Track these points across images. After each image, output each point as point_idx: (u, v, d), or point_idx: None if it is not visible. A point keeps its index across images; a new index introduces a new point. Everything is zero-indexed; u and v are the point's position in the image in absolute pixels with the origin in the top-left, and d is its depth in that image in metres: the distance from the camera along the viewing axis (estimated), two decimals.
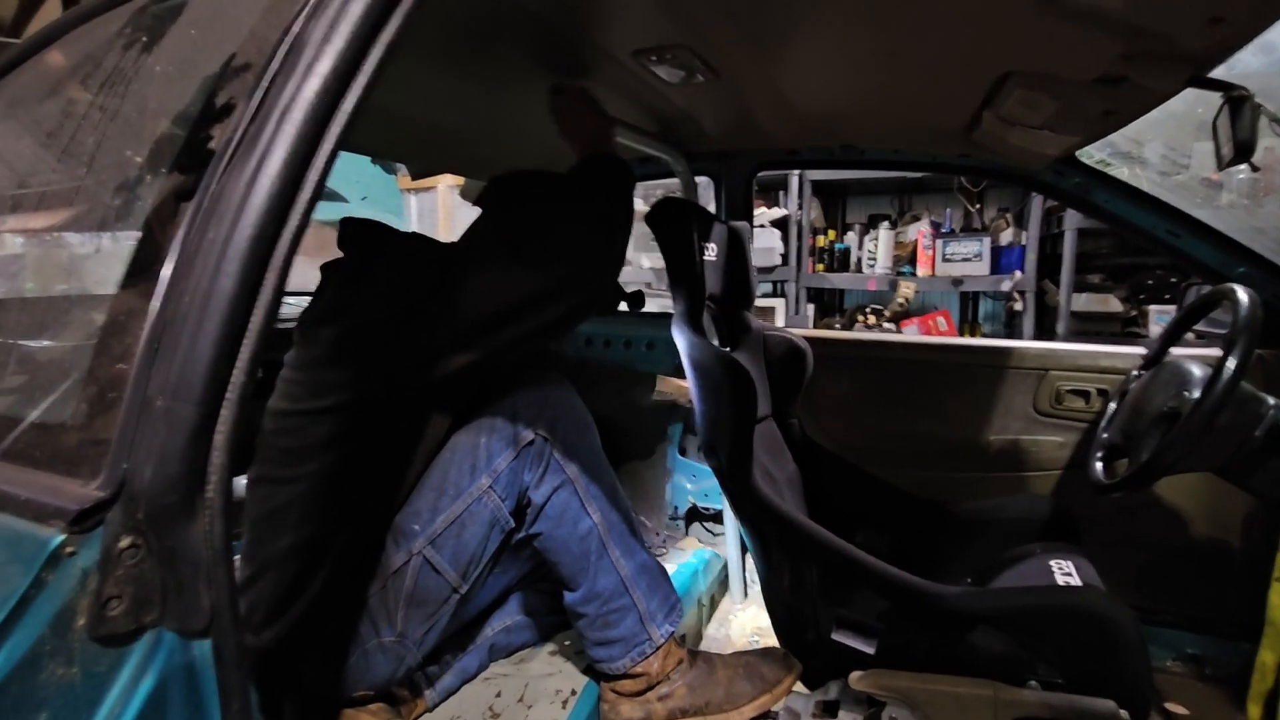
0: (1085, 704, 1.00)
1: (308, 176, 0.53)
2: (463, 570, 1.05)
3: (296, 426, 0.96)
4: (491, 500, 1.04)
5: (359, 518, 1.02)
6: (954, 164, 1.61)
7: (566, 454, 1.08)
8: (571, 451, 1.08)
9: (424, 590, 1.03)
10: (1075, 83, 1.04)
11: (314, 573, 0.97)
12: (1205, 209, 1.73)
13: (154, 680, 0.51)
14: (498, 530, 1.06)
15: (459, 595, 1.06)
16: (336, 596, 1.01)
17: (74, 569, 0.48)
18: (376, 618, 1.03)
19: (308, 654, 1.00)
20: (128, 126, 0.63)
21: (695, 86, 1.26)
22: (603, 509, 1.10)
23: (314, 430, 0.96)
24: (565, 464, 1.07)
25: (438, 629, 1.07)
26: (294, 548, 0.95)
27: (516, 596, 1.29)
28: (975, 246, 3.37)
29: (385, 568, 1.03)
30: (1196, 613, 1.47)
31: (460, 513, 1.03)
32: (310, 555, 0.97)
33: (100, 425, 0.51)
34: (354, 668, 1.03)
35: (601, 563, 1.10)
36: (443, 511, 1.03)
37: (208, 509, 0.51)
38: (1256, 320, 1.06)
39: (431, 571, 1.03)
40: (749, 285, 1.45)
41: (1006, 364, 1.59)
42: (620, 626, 1.10)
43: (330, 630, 1.02)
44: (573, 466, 1.08)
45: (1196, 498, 1.46)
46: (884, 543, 1.46)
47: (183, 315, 0.50)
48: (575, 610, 1.12)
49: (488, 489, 1.03)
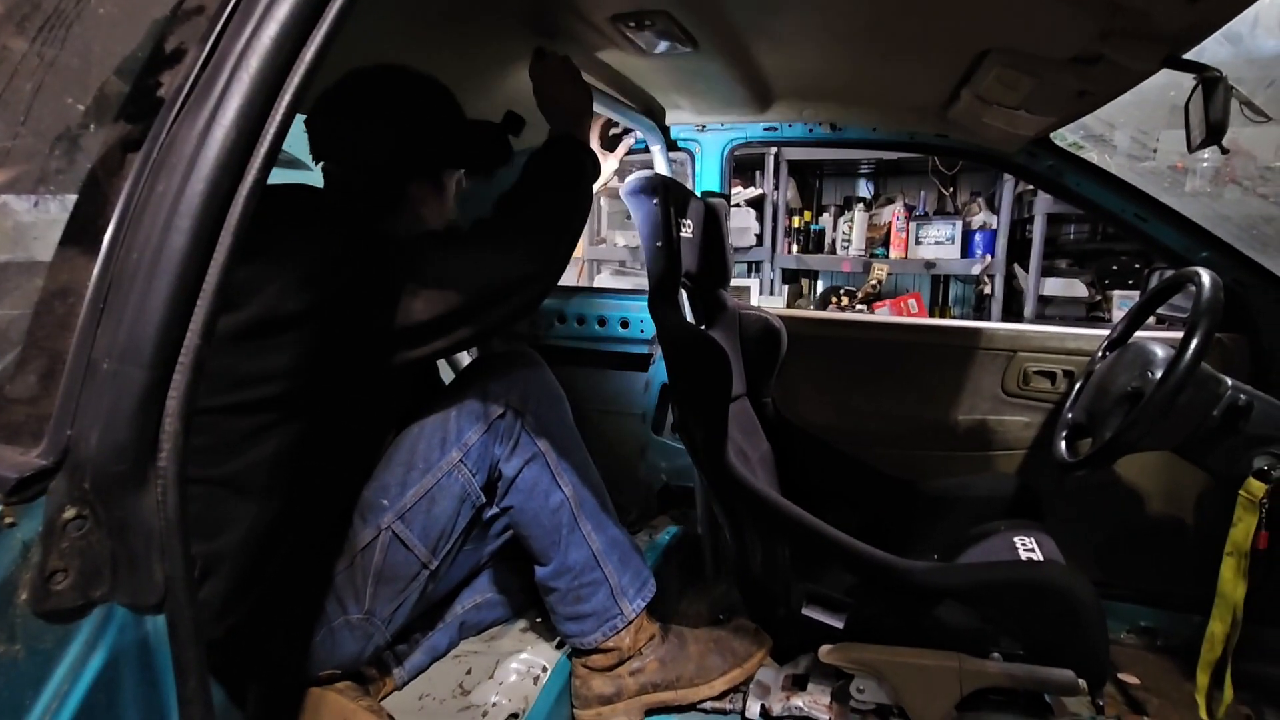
0: (1045, 674, 1.02)
1: (265, 129, 0.50)
2: (433, 546, 1.03)
3: (208, 424, 0.84)
4: (462, 474, 1.02)
5: (316, 500, 0.97)
6: (931, 144, 1.61)
7: (538, 428, 1.07)
8: (543, 425, 1.07)
9: (393, 566, 1.01)
10: (1053, 61, 1.04)
11: (270, 559, 0.92)
12: (1171, 195, 1.77)
13: (104, 657, 0.49)
14: (468, 505, 1.05)
15: (429, 571, 1.05)
16: (301, 575, 0.98)
17: (13, 541, 0.46)
18: (344, 595, 1.01)
19: (273, 633, 0.98)
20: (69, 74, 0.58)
21: (674, 58, 1.23)
22: (574, 483, 1.09)
23: (232, 425, 0.86)
24: (536, 438, 1.06)
25: (407, 606, 1.06)
26: (243, 541, 0.88)
27: (487, 573, 1.27)
28: (948, 230, 3.41)
29: (353, 544, 1.01)
30: (1150, 586, 1.52)
31: (430, 487, 1.01)
32: (263, 544, 0.90)
33: (41, 389, 0.48)
34: (320, 646, 1.00)
35: (573, 536, 1.09)
36: (412, 486, 1.01)
37: (160, 479, 0.48)
38: (1218, 302, 1.08)
39: (401, 547, 1.01)
40: (725, 263, 1.44)
41: (976, 345, 1.62)
42: (591, 601, 1.10)
43: (296, 609, 0.99)
44: (544, 440, 1.07)
45: (1154, 476, 1.51)
46: (854, 520, 1.48)
47: (130, 273, 0.47)
48: (546, 585, 1.11)
49: (458, 462, 1.02)
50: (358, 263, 0.88)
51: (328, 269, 0.86)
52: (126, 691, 0.50)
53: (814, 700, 1.12)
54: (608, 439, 1.78)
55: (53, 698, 0.47)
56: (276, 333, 0.84)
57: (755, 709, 1.13)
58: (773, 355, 1.50)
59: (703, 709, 1.15)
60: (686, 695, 1.14)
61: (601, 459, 1.22)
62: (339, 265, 0.87)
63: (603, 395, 1.79)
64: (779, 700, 1.13)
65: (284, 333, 0.84)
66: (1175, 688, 1.31)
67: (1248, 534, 1.07)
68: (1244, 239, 1.46)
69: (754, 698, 1.14)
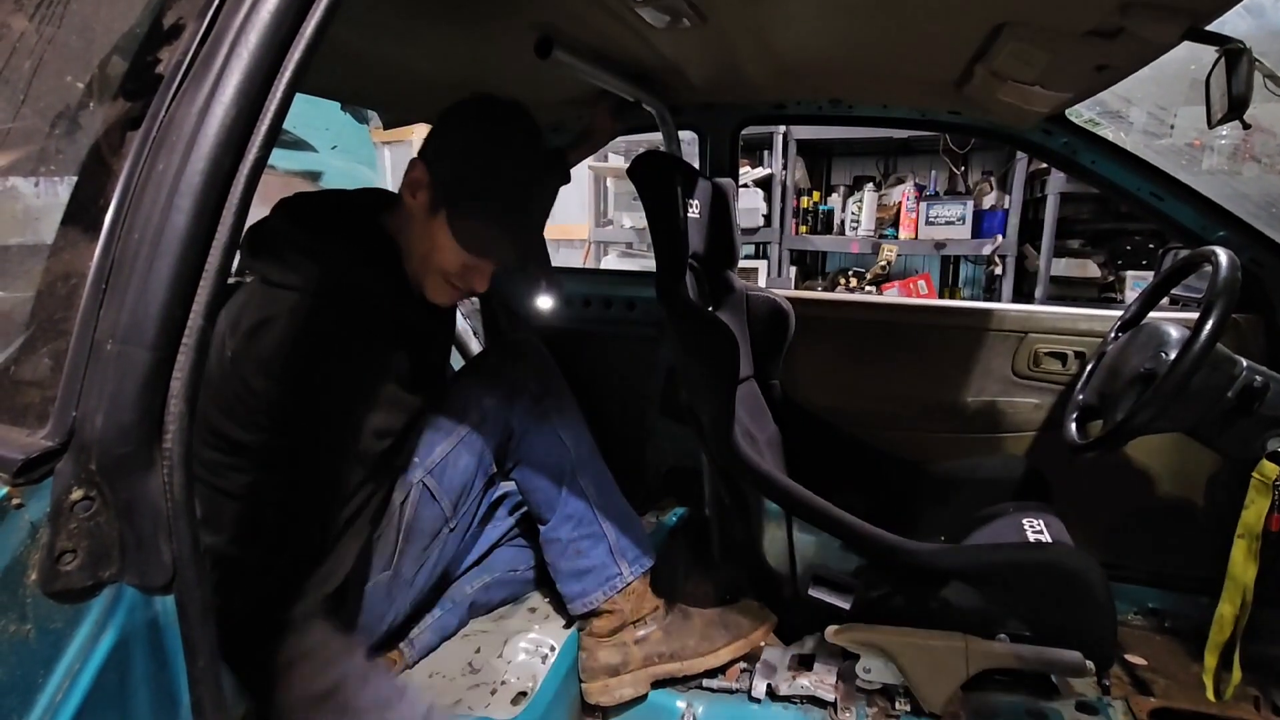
0: (1053, 655, 1.03)
1: (266, 107, 0.49)
2: (454, 501, 1.11)
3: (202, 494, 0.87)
4: (480, 436, 1.11)
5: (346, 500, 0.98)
6: (943, 121, 1.58)
7: (546, 399, 1.15)
8: (550, 397, 1.16)
9: (421, 521, 1.08)
10: (1070, 34, 1.01)
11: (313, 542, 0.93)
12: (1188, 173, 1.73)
13: (115, 636, 0.49)
14: (483, 470, 1.13)
15: (450, 529, 1.12)
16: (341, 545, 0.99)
17: (21, 521, 0.46)
18: (373, 557, 1.05)
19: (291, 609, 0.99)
20: (68, 52, 0.58)
21: (681, 32, 1.21)
22: (575, 445, 1.17)
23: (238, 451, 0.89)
24: (544, 407, 1.15)
25: (427, 568, 1.11)
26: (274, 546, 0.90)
27: (496, 554, 1.29)
28: (958, 210, 3.36)
29: (391, 509, 1.06)
30: (1158, 568, 1.52)
31: (454, 446, 1.10)
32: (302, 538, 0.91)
33: (45, 370, 0.48)
34: (347, 612, 1.03)
35: (573, 487, 1.15)
36: (438, 444, 1.09)
37: (166, 460, 0.48)
38: (1235, 282, 1.06)
39: (430, 500, 1.08)
40: (733, 244, 1.43)
41: (986, 326, 1.60)
42: (591, 556, 1.15)
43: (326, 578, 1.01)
44: (551, 410, 1.16)
45: (1164, 458, 1.50)
46: (861, 502, 1.48)
47: (132, 253, 0.47)
48: (548, 539, 1.16)
49: (477, 424, 1.11)
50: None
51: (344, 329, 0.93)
52: (137, 671, 0.51)
53: (820, 680, 1.13)
54: (614, 421, 1.78)
55: (64, 676, 0.48)
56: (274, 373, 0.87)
57: (761, 688, 1.13)
58: (780, 337, 1.49)
59: (709, 686, 1.16)
60: (691, 665, 1.16)
61: (608, 441, 1.23)
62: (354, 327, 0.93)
63: (609, 377, 1.79)
64: (785, 679, 1.13)
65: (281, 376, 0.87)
66: (1182, 669, 1.31)
67: (1260, 516, 1.06)
68: (1262, 217, 1.42)
69: (760, 677, 1.15)
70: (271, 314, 0.86)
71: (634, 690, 1.13)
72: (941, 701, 1.06)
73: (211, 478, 0.89)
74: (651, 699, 1.15)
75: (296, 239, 0.90)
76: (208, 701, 0.52)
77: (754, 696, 1.13)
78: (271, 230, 0.93)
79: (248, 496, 0.89)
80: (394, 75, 1.45)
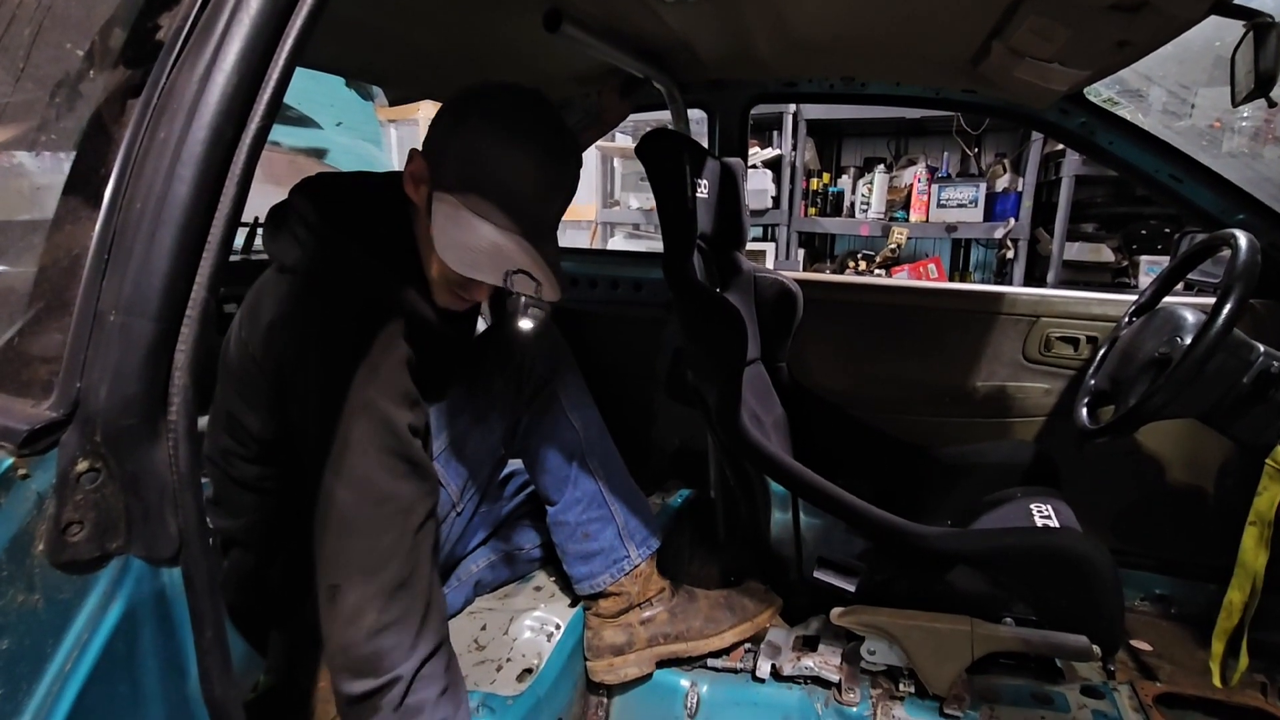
0: (1059, 639, 1.02)
1: (268, 75, 0.48)
2: (461, 487, 1.11)
3: (215, 477, 0.90)
4: (490, 419, 1.11)
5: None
6: (957, 100, 1.55)
7: (555, 381, 1.15)
8: (559, 379, 1.16)
9: None
10: (1091, 9, 0.98)
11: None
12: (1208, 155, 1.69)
13: (122, 607, 0.50)
14: (492, 450, 1.13)
15: (456, 513, 1.12)
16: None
17: (28, 492, 0.46)
18: None
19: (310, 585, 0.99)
20: (67, 18, 0.57)
21: (692, 6, 1.18)
22: (583, 427, 1.16)
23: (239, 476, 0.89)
24: (553, 388, 1.15)
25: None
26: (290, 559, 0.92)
27: (503, 533, 1.30)
28: (971, 192, 3.32)
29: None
30: (1167, 555, 1.51)
31: (462, 431, 1.10)
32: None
33: (50, 342, 0.48)
34: None
35: (582, 470, 1.15)
36: (445, 430, 1.10)
37: (171, 432, 0.48)
38: (1255, 265, 1.04)
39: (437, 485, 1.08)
40: (741, 225, 1.41)
41: (998, 310, 1.58)
42: (599, 538, 1.15)
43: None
44: (560, 391, 1.15)
45: (1174, 444, 1.48)
46: (868, 486, 1.47)
47: (134, 224, 0.46)
48: (556, 522, 1.16)
49: (485, 409, 1.11)
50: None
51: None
52: (145, 641, 0.51)
53: (825, 661, 1.13)
54: (620, 403, 1.78)
55: (73, 646, 0.48)
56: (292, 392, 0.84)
57: (766, 668, 1.14)
58: (788, 319, 1.47)
59: (713, 666, 1.17)
60: (696, 646, 1.16)
61: (615, 422, 1.23)
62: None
63: (616, 359, 1.78)
64: (790, 660, 1.14)
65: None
66: (1188, 655, 1.31)
67: (1272, 504, 1.05)
68: None
69: (765, 657, 1.15)
70: (287, 309, 0.82)
71: (639, 670, 1.14)
72: (946, 684, 1.06)
73: (224, 465, 0.89)
74: (656, 678, 1.16)
75: (317, 228, 0.85)
76: (216, 671, 0.53)
77: (758, 676, 1.14)
78: (294, 215, 0.86)
79: (256, 488, 0.90)
80: (399, 49, 1.43)
